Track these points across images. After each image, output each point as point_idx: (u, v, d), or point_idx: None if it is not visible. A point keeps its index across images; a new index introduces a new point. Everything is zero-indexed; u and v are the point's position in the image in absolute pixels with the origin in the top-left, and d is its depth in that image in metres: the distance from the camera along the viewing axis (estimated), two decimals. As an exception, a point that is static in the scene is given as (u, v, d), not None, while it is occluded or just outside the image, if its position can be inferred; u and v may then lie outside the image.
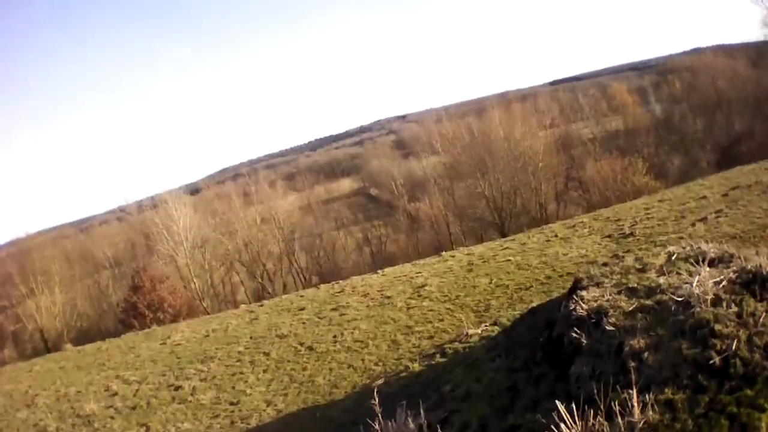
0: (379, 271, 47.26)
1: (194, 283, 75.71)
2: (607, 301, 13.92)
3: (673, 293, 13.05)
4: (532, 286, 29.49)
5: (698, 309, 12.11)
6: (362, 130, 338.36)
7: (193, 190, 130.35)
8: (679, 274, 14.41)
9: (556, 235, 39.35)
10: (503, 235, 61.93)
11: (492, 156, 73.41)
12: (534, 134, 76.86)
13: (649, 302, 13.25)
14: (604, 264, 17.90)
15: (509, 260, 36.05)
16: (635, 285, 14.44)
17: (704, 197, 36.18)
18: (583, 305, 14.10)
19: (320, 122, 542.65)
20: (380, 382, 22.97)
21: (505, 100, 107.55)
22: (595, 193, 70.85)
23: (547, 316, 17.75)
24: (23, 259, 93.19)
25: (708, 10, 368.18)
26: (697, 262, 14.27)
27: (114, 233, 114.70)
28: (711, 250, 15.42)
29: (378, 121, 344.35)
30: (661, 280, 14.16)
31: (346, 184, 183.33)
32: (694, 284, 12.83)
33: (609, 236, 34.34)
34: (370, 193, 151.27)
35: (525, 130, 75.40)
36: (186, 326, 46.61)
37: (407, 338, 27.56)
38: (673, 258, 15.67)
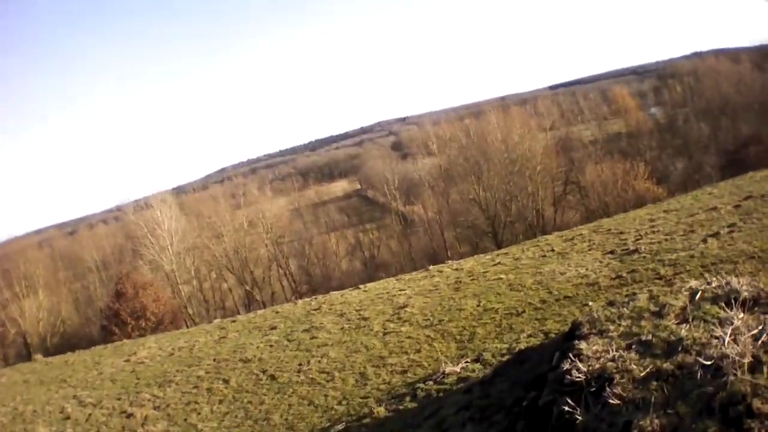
0: (361, 286, 44.43)
1: (181, 290, 74.62)
2: (613, 360, 10.43)
3: (698, 352, 9.65)
4: (524, 312, 26.03)
5: (732, 377, 8.74)
6: (363, 131, 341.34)
7: (181, 192, 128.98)
8: (705, 321, 10.94)
9: (552, 250, 36.07)
10: (498, 244, 59.33)
11: (487, 159, 71.07)
12: (533, 136, 74.63)
13: (667, 365, 9.80)
14: (610, 303, 14.28)
15: (501, 278, 32.68)
16: (650, 338, 10.96)
17: (714, 208, 32.90)
18: (581, 366, 10.59)
19: (322, 123, 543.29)
20: (340, 427, 19.78)
21: (504, 103, 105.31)
22: (594, 198, 68.06)
23: (536, 367, 14.20)
24: (6, 262, 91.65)
25: (708, 13, 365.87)
26: (728, 305, 11.04)
27: (102, 236, 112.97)
28: (743, 287, 12.00)
29: (379, 122, 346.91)
30: (683, 331, 10.67)
31: (341, 186, 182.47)
32: (727, 340, 9.49)
33: (611, 252, 30.80)
34: (367, 195, 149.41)
35: (523, 132, 73.12)
36: (154, 342, 44.29)
37: (378, 372, 24.18)
38: (697, 298, 12.23)
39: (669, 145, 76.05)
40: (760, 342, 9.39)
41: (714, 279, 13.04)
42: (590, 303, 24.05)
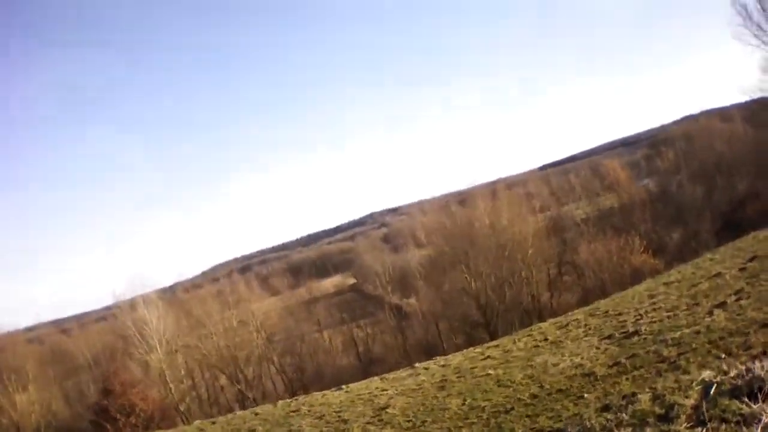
0: (343, 386, 41.57)
1: (170, 388, 73.65)
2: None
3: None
4: (513, 409, 22.79)
5: None
6: (355, 224, 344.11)
7: (174, 291, 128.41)
8: (726, 421, 7.87)
9: (546, 339, 32.99)
10: (490, 334, 56.57)
11: (475, 246, 68.66)
12: (523, 219, 72.37)
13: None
14: (605, 407, 11.16)
15: (489, 374, 29.48)
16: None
17: (718, 274, 29.92)
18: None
19: (314, 217, 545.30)
20: None
21: (493, 188, 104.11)
22: (590, 277, 65.94)
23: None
24: None
25: (696, 75, 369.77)
26: (751, 396, 8.59)
27: (94, 334, 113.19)
28: (765, 372, 8.90)
29: (371, 214, 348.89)
30: None
31: (333, 282, 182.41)
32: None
33: (609, 337, 27.71)
34: (361, 290, 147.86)
35: (512, 215, 71.00)
36: None
37: None
38: (712, 392, 9.14)
39: (663, 216, 74.03)
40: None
41: (731, 366, 10.06)
42: (585, 395, 21.01)
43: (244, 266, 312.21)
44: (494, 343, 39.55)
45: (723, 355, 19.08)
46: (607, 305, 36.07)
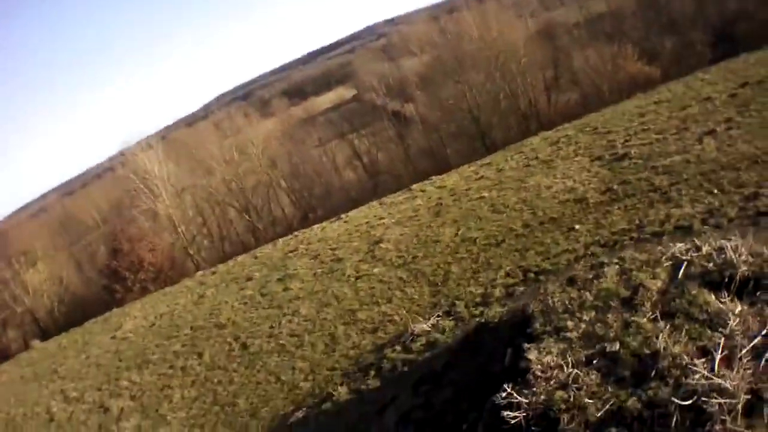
0: (342, 216, 42.62)
1: (181, 231, 72.43)
2: (564, 387, 7.85)
3: (677, 383, 7.09)
4: (504, 241, 23.74)
5: (718, 427, 6.40)
6: (353, 37, 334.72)
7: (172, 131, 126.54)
8: (690, 318, 8.25)
9: (537, 157, 33.18)
10: (487, 147, 56.83)
11: (466, 58, 67.00)
12: (513, 28, 70.10)
13: (633, 402, 7.22)
14: (570, 281, 11.36)
15: (483, 197, 30.27)
16: (616, 348, 8.24)
17: (708, 98, 29.68)
18: (524, 399, 7.99)
19: (313, 35, 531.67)
20: (300, 415, 18.45)
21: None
22: (586, 83, 64.56)
23: (488, 363, 11.57)
24: (3, 240, 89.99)
25: None
26: (721, 286, 8.69)
27: (97, 193, 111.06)
28: (742, 257, 9.26)
29: (368, 26, 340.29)
30: (660, 339, 7.90)
31: (333, 96, 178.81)
32: (717, 361, 6.98)
33: (599, 158, 28.08)
34: (362, 99, 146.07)
35: (502, 26, 68.63)
36: (139, 309, 44.27)
37: (347, 331, 22.52)
38: (680, 274, 9.48)
39: (654, 23, 71.53)
40: (762, 363, 6.83)
41: (704, 241, 10.23)
42: (576, 227, 21.93)
43: (246, 92, 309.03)
44: (487, 160, 39.49)
45: (715, 190, 19.64)
46: (596, 120, 35.94)
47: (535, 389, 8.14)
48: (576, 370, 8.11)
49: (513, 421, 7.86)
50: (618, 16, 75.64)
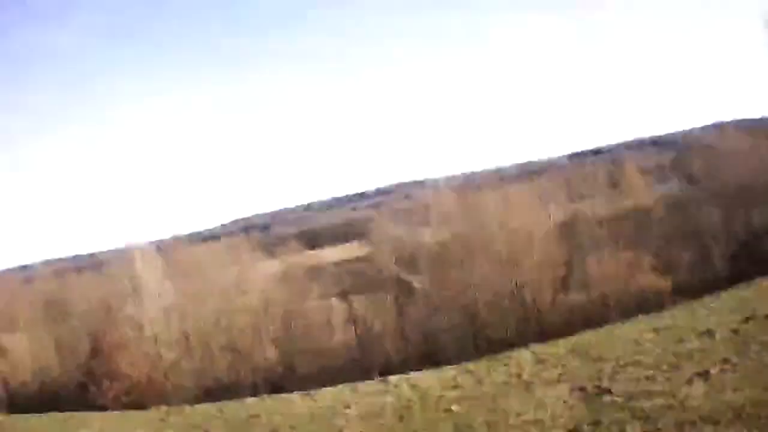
0: (312, 392, 41.54)
1: (160, 353, 72.98)
2: None
3: None
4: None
5: None
6: (381, 192, 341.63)
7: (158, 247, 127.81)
8: None
9: (519, 375, 31.35)
10: (476, 346, 55.71)
11: (479, 245, 66.96)
12: (534, 221, 70.63)
13: None
14: None
15: (450, 411, 27.82)
16: None
17: (708, 332, 27.89)
18: None
19: (340, 179, 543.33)
20: None
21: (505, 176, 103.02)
22: (595, 290, 63.79)
23: None
24: None
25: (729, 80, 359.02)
26: None
27: (87, 282, 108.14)
28: None
29: (397, 184, 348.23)
30: None
31: (343, 250, 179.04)
32: None
33: (581, 389, 25.67)
34: (371, 262, 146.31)
35: (523, 216, 69.11)
36: (101, 421, 43.07)
37: None
38: None
39: (679, 231, 71.40)
40: None
41: None
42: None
43: (264, 224, 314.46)
44: (471, 366, 38.07)
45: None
46: (591, 341, 34.55)
47: None
48: None
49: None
50: (642, 220, 75.83)
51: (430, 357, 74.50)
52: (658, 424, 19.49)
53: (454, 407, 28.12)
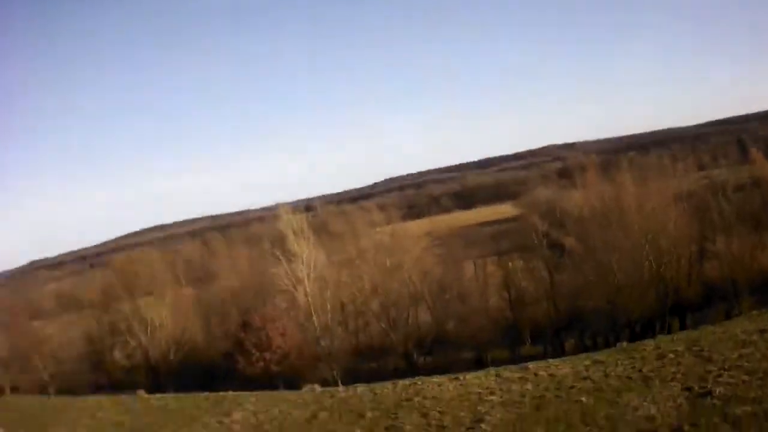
0: (460, 376, 44.10)
1: (316, 322, 72.69)
2: None
3: None
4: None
5: None
6: (531, 153, 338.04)
7: (308, 207, 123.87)
8: None
9: (641, 370, 34.65)
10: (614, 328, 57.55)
11: (617, 223, 68.51)
12: (667, 203, 71.60)
13: None
14: None
15: (581, 401, 31.90)
16: None
17: None
18: None
19: (491, 141, 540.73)
20: None
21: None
22: (725, 270, 64.28)
23: None
24: (125, 266, 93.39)
25: None
26: None
27: (241, 256, 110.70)
28: None
29: (546, 146, 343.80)
30: None
31: (497, 210, 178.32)
32: None
33: (689, 389, 29.21)
34: (525, 223, 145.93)
35: (656, 203, 70.63)
36: (253, 403, 45.27)
37: None
38: None
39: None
40: None
41: None
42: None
43: (418, 183, 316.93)
44: (602, 357, 41.28)
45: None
46: (707, 339, 37.12)
47: None
48: None
49: None
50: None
51: (573, 324, 77.78)
52: (750, 429, 23.01)
53: (583, 398, 32.35)
